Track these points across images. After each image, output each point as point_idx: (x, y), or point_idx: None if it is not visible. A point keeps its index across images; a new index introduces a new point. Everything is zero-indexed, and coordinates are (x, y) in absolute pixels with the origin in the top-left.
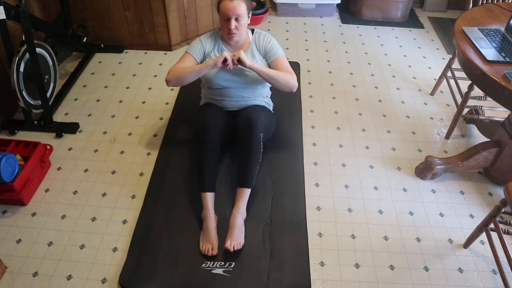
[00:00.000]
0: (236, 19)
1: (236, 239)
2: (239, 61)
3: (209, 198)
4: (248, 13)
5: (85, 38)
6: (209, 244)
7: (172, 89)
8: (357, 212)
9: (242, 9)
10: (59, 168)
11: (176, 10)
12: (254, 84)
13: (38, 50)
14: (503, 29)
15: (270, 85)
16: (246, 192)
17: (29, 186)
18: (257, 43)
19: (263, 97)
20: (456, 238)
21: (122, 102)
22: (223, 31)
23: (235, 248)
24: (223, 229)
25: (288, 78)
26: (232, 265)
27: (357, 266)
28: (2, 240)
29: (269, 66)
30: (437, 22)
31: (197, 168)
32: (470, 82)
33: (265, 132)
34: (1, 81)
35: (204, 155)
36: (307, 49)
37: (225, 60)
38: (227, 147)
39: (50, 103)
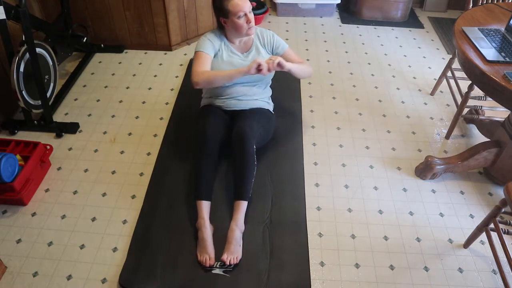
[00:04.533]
0: (250, 12)
1: (233, 253)
2: (279, 65)
3: (204, 206)
4: None
5: (85, 38)
6: (206, 254)
7: (172, 89)
8: (357, 212)
9: (249, 3)
10: (59, 168)
11: (176, 10)
12: (259, 82)
13: (38, 50)
14: (503, 29)
15: (270, 84)
16: (243, 205)
17: (29, 186)
18: (261, 39)
19: (265, 96)
20: (456, 238)
21: (122, 102)
22: (239, 29)
23: (232, 263)
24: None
25: (309, 69)
26: (232, 265)
27: (357, 266)
28: (2, 240)
29: None
30: (437, 22)
31: (195, 175)
32: (470, 82)
33: (263, 137)
34: (1, 81)
35: (202, 162)
36: (307, 49)
37: (258, 66)
38: (227, 152)
39: (50, 103)
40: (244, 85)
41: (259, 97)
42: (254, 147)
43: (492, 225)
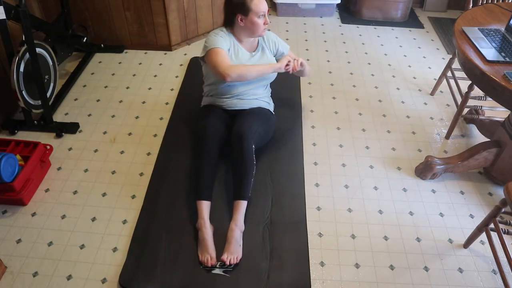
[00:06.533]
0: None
1: (234, 253)
2: (301, 65)
3: (204, 207)
4: None
5: (85, 38)
6: (207, 254)
7: (172, 89)
8: (357, 212)
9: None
10: (59, 168)
11: (176, 10)
12: (263, 81)
13: (38, 50)
14: (503, 29)
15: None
16: (242, 204)
17: (29, 186)
18: (265, 39)
19: (265, 96)
20: (456, 238)
21: (122, 102)
22: (256, 28)
23: (232, 262)
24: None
25: (311, 68)
26: (232, 265)
27: (357, 266)
28: (2, 240)
29: (277, 60)
30: (437, 22)
31: (195, 175)
32: (470, 82)
33: (262, 137)
34: (1, 81)
35: (203, 162)
36: (307, 49)
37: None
38: (227, 152)
39: (50, 103)
40: (247, 85)
41: (259, 96)
42: (253, 146)
43: (492, 225)
